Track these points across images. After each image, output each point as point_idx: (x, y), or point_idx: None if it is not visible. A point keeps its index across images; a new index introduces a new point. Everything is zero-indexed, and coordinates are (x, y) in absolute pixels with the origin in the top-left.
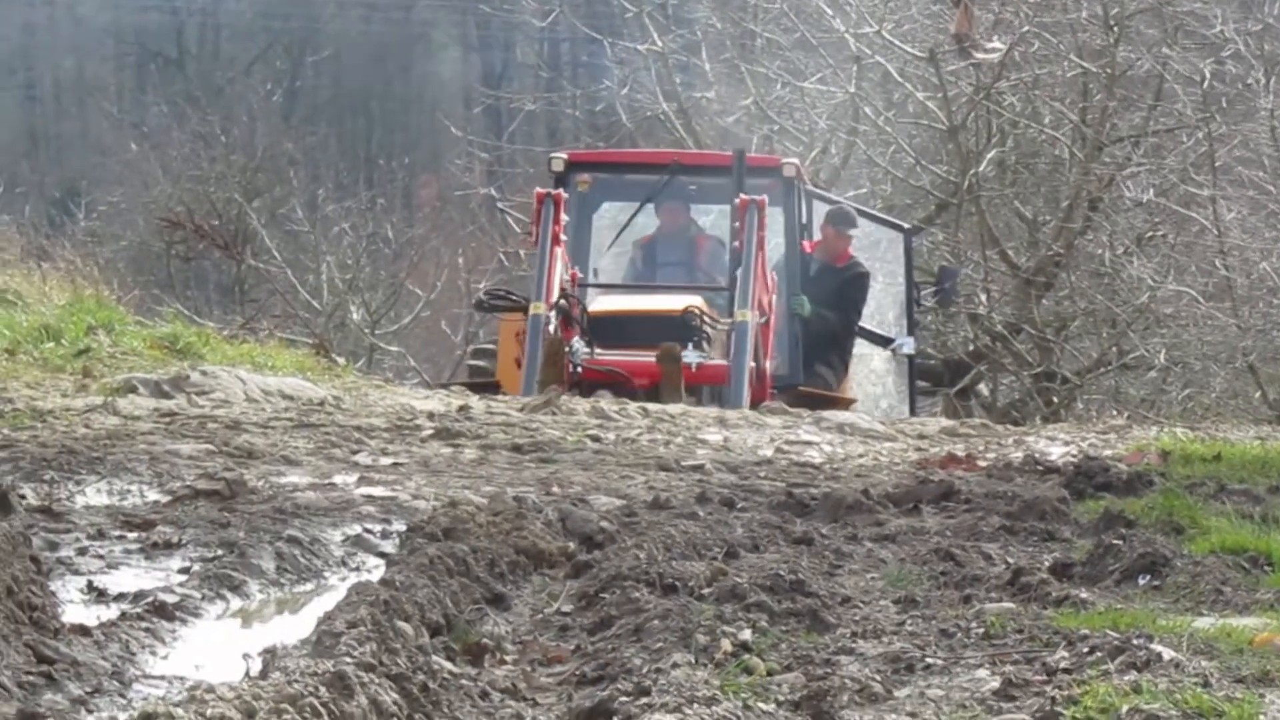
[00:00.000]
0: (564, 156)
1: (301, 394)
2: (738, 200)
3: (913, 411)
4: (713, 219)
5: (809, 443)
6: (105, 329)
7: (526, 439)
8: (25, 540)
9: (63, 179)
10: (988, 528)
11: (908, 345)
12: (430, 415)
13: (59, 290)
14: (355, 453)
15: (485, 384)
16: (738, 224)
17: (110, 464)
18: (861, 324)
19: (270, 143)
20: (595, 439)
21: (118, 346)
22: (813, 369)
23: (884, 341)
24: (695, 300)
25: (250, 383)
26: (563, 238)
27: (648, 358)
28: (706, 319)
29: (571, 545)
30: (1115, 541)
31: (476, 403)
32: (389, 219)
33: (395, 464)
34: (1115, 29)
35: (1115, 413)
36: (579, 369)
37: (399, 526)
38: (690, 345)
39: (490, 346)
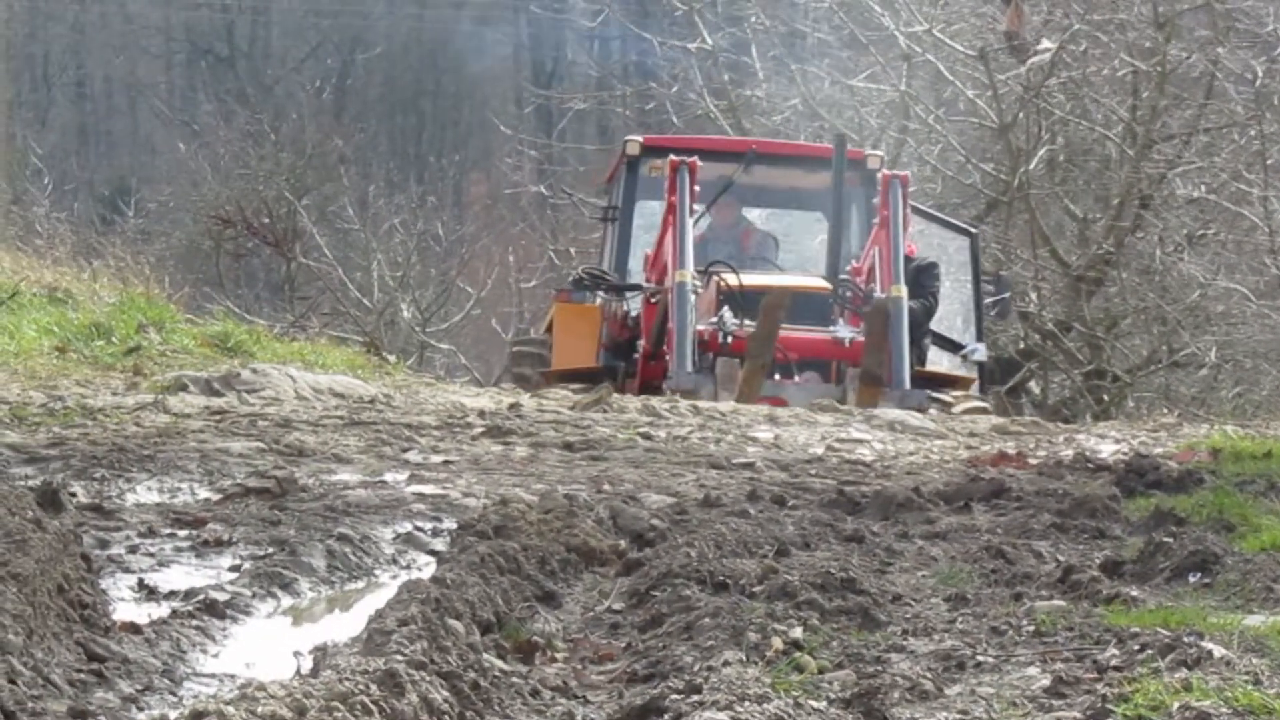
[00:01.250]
0: (639, 140)
1: (352, 392)
2: (880, 175)
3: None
4: (765, 213)
5: (860, 440)
6: (155, 327)
7: (577, 437)
8: (76, 538)
9: (112, 176)
10: (1038, 525)
11: (979, 351)
12: (481, 413)
13: (109, 288)
14: (406, 450)
15: (589, 371)
16: (877, 200)
17: (161, 462)
18: (931, 328)
19: (320, 140)
20: (646, 437)
21: (168, 344)
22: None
23: (954, 347)
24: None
25: (301, 380)
26: (696, 208)
27: (799, 331)
28: (856, 294)
29: (622, 543)
30: (1166, 539)
31: (527, 400)
32: (439, 217)
33: (446, 462)
34: (1165, 27)
35: (1166, 410)
36: (729, 339)
37: (450, 524)
38: (841, 321)
39: (534, 337)
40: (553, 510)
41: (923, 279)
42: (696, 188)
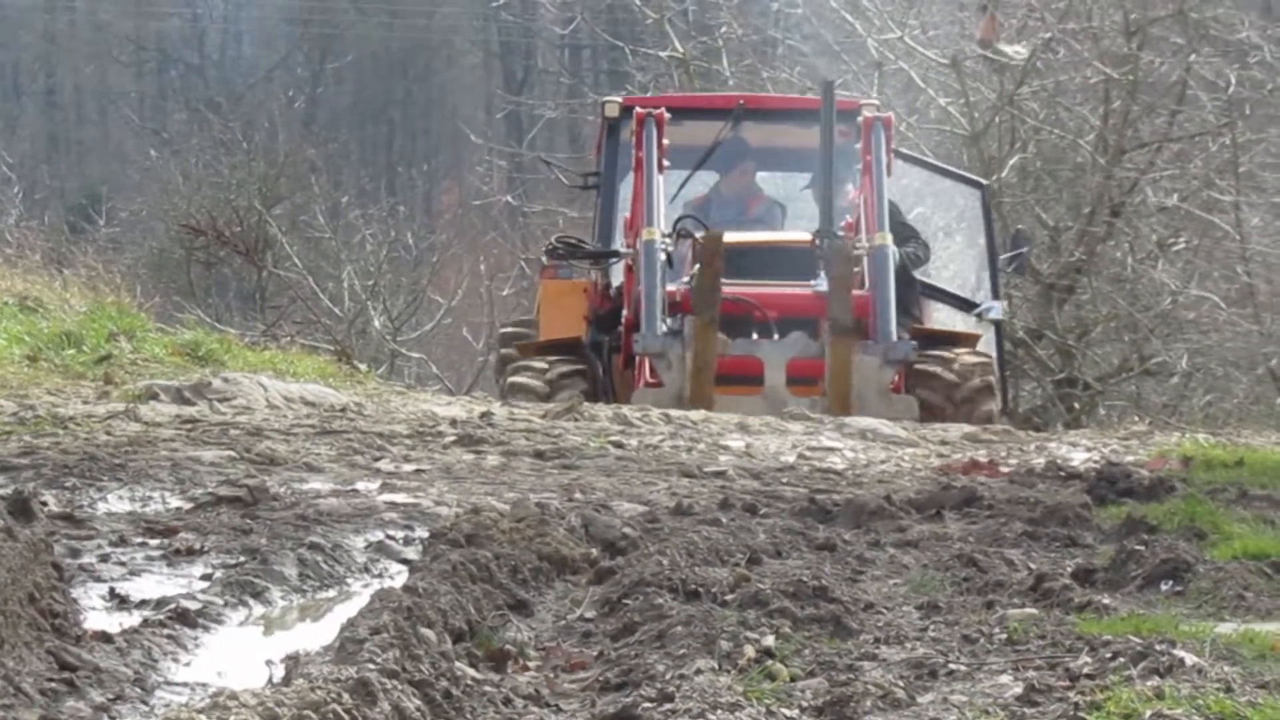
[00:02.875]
0: (618, 100)
1: (323, 400)
2: (861, 119)
3: (1003, 381)
4: (773, 177)
5: (831, 449)
6: (126, 336)
7: (549, 445)
8: (47, 547)
9: (83, 185)
10: (1010, 533)
11: (995, 310)
12: (452, 422)
13: (80, 297)
14: (377, 459)
15: (567, 342)
16: (860, 144)
17: (132, 471)
18: (942, 286)
19: (291, 149)
20: (617, 445)
21: (139, 353)
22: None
23: (967, 305)
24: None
25: (272, 389)
26: (665, 163)
27: (777, 289)
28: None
29: (594, 551)
30: (1137, 547)
31: (499, 409)
32: (410, 226)
33: (418, 470)
34: (1136, 35)
35: (1137, 419)
36: None
37: (421, 533)
38: (824, 275)
39: (514, 330)
40: (524, 519)
41: (901, 230)
42: (665, 141)
